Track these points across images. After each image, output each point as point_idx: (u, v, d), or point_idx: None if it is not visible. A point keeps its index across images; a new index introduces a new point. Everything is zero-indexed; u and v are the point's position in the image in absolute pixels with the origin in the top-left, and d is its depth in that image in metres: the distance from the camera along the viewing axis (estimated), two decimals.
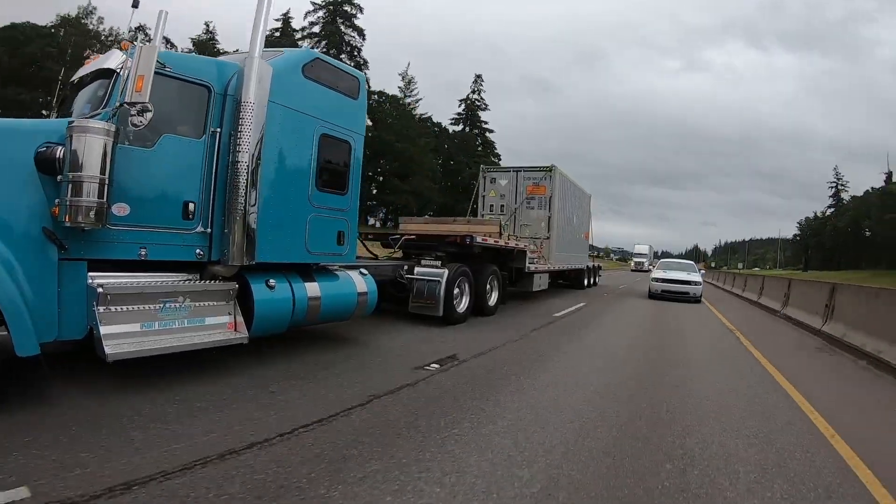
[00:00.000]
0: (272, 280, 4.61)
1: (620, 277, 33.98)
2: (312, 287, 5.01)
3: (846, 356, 7.38)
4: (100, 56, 4.64)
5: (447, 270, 7.52)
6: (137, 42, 3.73)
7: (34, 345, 3.19)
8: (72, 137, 3.38)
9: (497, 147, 68.27)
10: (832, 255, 69.73)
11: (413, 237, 8.54)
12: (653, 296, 15.89)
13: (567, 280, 16.84)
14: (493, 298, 9.13)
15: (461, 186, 52.85)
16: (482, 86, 59.10)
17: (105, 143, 3.45)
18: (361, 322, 6.94)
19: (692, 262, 20.37)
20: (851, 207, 70.56)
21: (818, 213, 78.78)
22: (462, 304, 8.03)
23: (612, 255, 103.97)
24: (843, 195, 74.64)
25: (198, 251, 4.19)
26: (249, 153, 4.20)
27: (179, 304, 3.99)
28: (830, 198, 75.99)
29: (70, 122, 3.45)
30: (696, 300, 15.43)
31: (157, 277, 3.98)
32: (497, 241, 9.33)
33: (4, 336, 3.12)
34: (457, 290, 7.81)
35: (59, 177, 3.38)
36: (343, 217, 5.42)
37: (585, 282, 17.80)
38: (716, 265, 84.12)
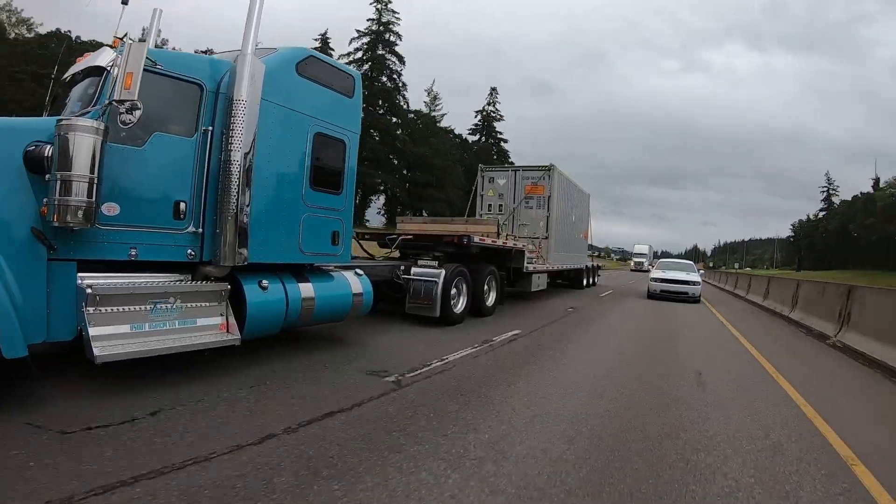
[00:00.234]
0: (265, 281, 4.55)
1: (620, 277, 33.95)
2: (306, 288, 4.95)
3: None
4: (91, 54, 4.59)
5: (444, 271, 7.46)
6: (126, 39, 3.67)
7: (22, 346, 3.14)
8: (60, 136, 3.33)
9: (511, 155, 71.46)
10: (823, 257, 72.61)
11: (410, 237, 8.48)
12: (651, 296, 15.84)
13: (566, 280, 16.79)
14: (491, 299, 9.07)
15: None
16: (497, 98, 62.66)
17: (94, 142, 3.40)
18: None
19: (691, 263, 20.31)
20: (840, 211, 73.82)
21: (810, 216, 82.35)
22: (459, 305, 7.98)
23: (613, 255, 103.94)
24: (834, 199, 78.02)
25: (189, 251, 4.13)
26: (242, 152, 4.15)
27: (170, 306, 3.93)
28: (822, 201, 79.78)
29: (59, 121, 3.40)
30: (696, 300, 15.43)
31: (148, 278, 3.92)
32: (495, 241, 9.28)
33: None
34: (454, 291, 7.75)
35: (48, 176, 3.33)
36: (338, 217, 5.36)
37: (584, 282, 17.77)
38: (714, 265, 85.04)
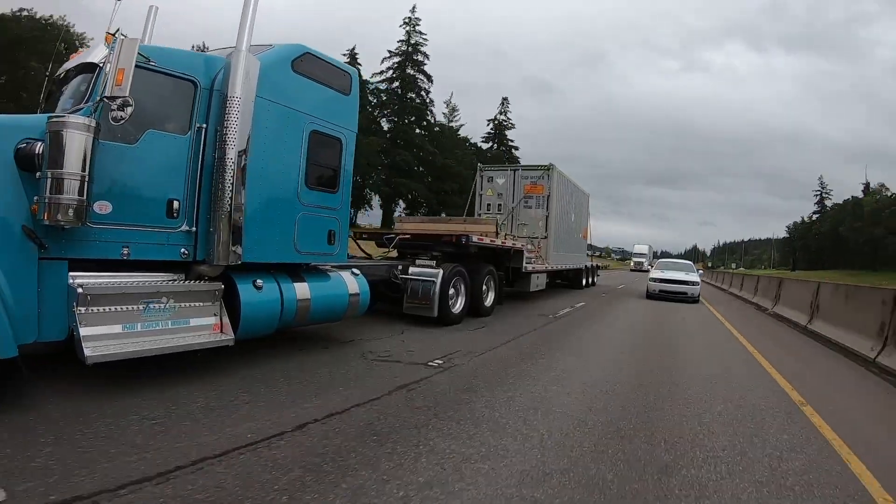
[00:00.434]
0: (260, 280, 4.50)
1: (619, 277, 33.92)
2: (302, 287, 4.89)
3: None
4: (84, 50, 4.55)
5: (442, 270, 7.41)
6: (118, 35, 3.61)
7: (12, 347, 3.10)
8: (51, 133, 3.28)
9: (521, 160, 72.95)
10: (817, 257, 75.98)
11: (408, 236, 8.43)
12: (650, 296, 15.86)
13: (565, 280, 16.75)
14: (490, 299, 9.02)
15: None
16: (508, 107, 64.10)
17: (85, 139, 3.36)
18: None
19: (690, 263, 20.32)
20: (832, 214, 77.55)
21: (804, 218, 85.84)
22: (457, 305, 7.92)
23: (613, 255, 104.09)
24: (827, 202, 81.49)
25: (182, 250, 4.07)
26: (236, 150, 4.09)
27: (163, 305, 3.87)
28: (815, 204, 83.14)
29: (49, 118, 3.36)
30: (694, 300, 15.46)
31: (141, 277, 3.87)
32: (494, 241, 9.22)
33: None
34: (452, 291, 7.70)
35: (39, 174, 3.29)
36: (334, 216, 5.30)
37: (583, 281, 17.74)
38: (712, 265, 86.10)
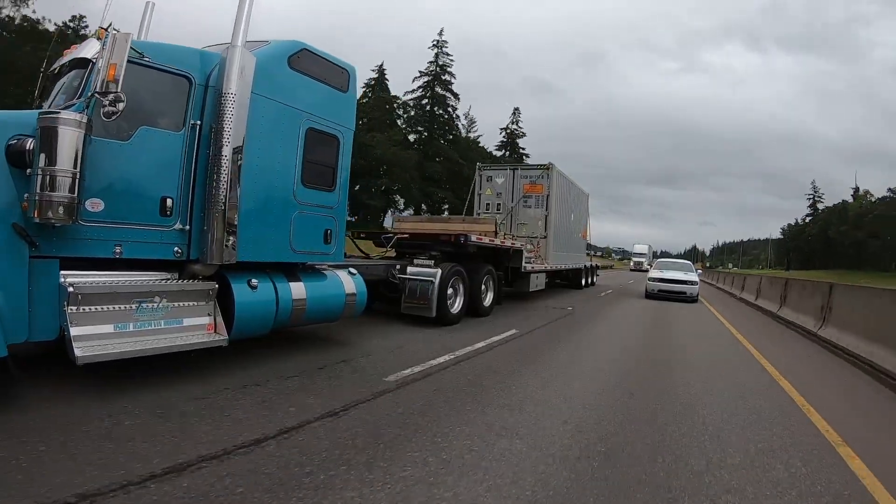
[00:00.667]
0: (254, 280, 4.43)
1: (619, 277, 33.89)
2: (298, 287, 4.82)
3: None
4: (78, 45, 4.48)
5: (440, 270, 7.35)
6: (111, 29, 3.55)
7: (2, 346, 3.06)
8: (42, 129, 3.23)
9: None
10: (809, 258, 79.76)
11: (406, 236, 8.37)
12: (649, 295, 15.96)
13: (564, 280, 16.71)
14: (489, 299, 8.96)
15: None
16: (519, 117, 66.32)
17: (77, 136, 3.30)
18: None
19: (689, 262, 20.42)
20: (822, 217, 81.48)
21: (798, 220, 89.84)
22: (456, 305, 7.86)
23: (614, 255, 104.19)
24: (819, 205, 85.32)
25: (176, 249, 4.01)
26: (231, 147, 4.02)
27: (156, 305, 3.81)
28: (808, 207, 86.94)
29: (40, 114, 3.30)
30: (693, 300, 15.56)
31: (133, 276, 3.81)
32: (493, 241, 9.16)
33: None
34: (450, 291, 7.63)
35: (29, 170, 3.23)
36: (330, 215, 5.22)
37: (583, 281, 17.69)
38: (711, 265, 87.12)
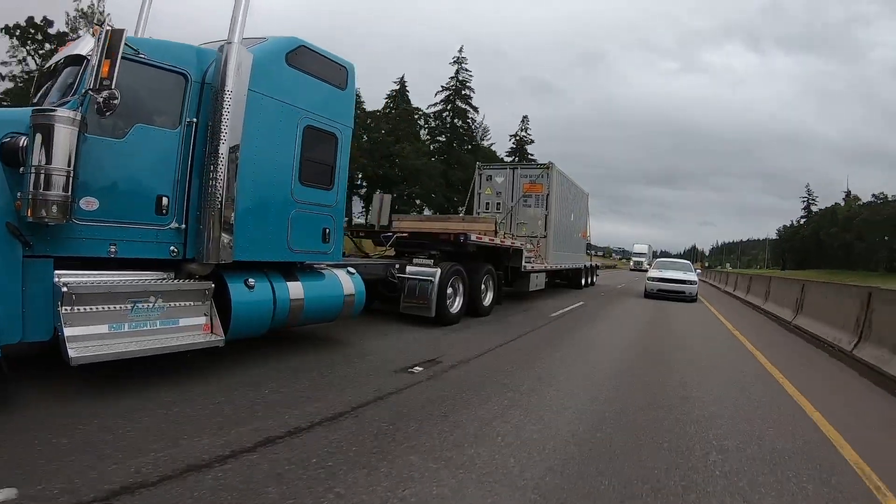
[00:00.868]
0: (251, 279, 4.37)
1: (618, 276, 33.86)
2: (295, 287, 4.76)
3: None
4: (73, 42, 4.43)
5: (440, 269, 7.30)
6: (105, 25, 3.49)
7: None
8: (35, 126, 3.18)
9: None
10: (803, 258, 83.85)
11: (406, 235, 8.33)
12: (648, 295, 16.01)
13: (564, 279, 16.66)
14: (488, 299, 8.91)
15: None
16: (528, 125, 67.96)
17: (70, 133, 3.26)
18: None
19: (688, 262, 20.46)
20: (815, 220, 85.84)
21: (794, 222, 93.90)
22: (455, 305, 7.81)
23: (615, 255, 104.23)
24: (813, 207, 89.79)
25: (172, 248, 3.96)
26: (227, 145, 3.97)
27: (151, 305, 3.76)
28: (802, 209, 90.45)
29: (33, 111, 3.25)
30: (692, 299, 15.55)
31: (128, 276, 3.75)
32: (492, 240, 9.11)
33: None
34: (450, 290, 7.58)
35: (22, 168, 3.18)
36: (328, 213, 5.17)
37: (583, 281, 17.65)
38: (710, 265, 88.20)
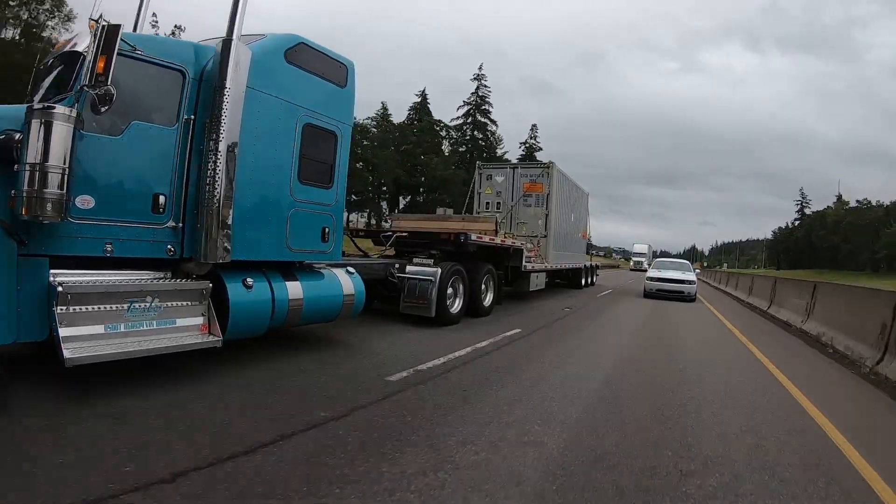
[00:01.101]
0: (250, 279, 4.32)
1: (619, 276, 33.85)
2: (294, 287, 4.71)
3: None
4: (70, 39, 4.38)
5: (440, 269, 7.24)
6: (101, 21, 3.44)
7: None
8: (30, 123, 3.14)
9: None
10: (797, 259, 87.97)
11: (405, 234, 8.28)
12: (648, 294, 16.06)
13: (564, 279, 16.63)
14: (489, 299, 8.86)
15: None
16: (537, 132, 70.30)
17: (66, 130, 3.22)
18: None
19: (687, 262, 20.58)
20: (807, 223, 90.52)
21: (789, 224, 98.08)
22: (456, 305, 7.75)
23: (615, 255, 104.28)
24: (807, 210, 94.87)
25: (168, 247, 3.90)
26: (225, 143, 3.91)
27: (148, 305, 3.71)
28: (797, 212, 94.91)
29: (28, 108, 3.22)
30: (691, 299, 15.59)
31: (125, 276, 3.71)
32: (493, 240, 9.07)
33: None
34: (450, 290, 7.53)
35: (17, 166, 3.14)
36: (328, 212, 5.12)
37: (583, 281, 17.61)
38: (709, 265, 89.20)
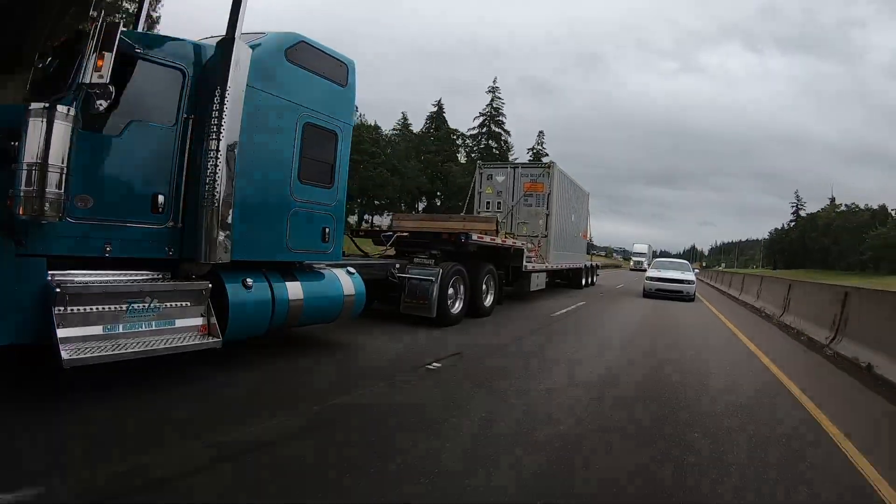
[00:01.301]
0: (249, 279, 4.29)
1: (619, 276, 33.81)
2: (294, 287, 4.68)
3: None
4: (69, 37, 4.34)
5: (441, 269, 7.21)
6: (100, 20, 3.41)
7: None
8: (27, 122, 3.09)
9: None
10: (792, 259, 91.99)
11: (406, 234, 8.25)
12: (647, 294, 16.13)
13: (564, 279, 16.61)
14: (489, 299, 8.83)
15: None
16: (543, 139, 70.84)
17: (63, 129, 3.18)
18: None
19: (686, 262, 20.66)
20: (801, 225, 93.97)
21: (785, 225, 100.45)
22: (456, 305, 7.72)
23: (616, 255, 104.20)
24: (802, 212, 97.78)
25: (168, 248, 3.87)
26: (225, 142, 3.87)
27: (147, 305, 3.67)
28: (792, 214, 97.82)
29: (25, 106, 3.17)
30: (690, 298, 15.61)
31: (123, 276, 3.68)
32: (494, 240, 9.04)
33: None
34: (451, 290, 7.50)
35: (14, 165, 3.10)
36: (328, 212, 5.08)
37: (583, 281, 17.59)
38: (708, 265, 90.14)
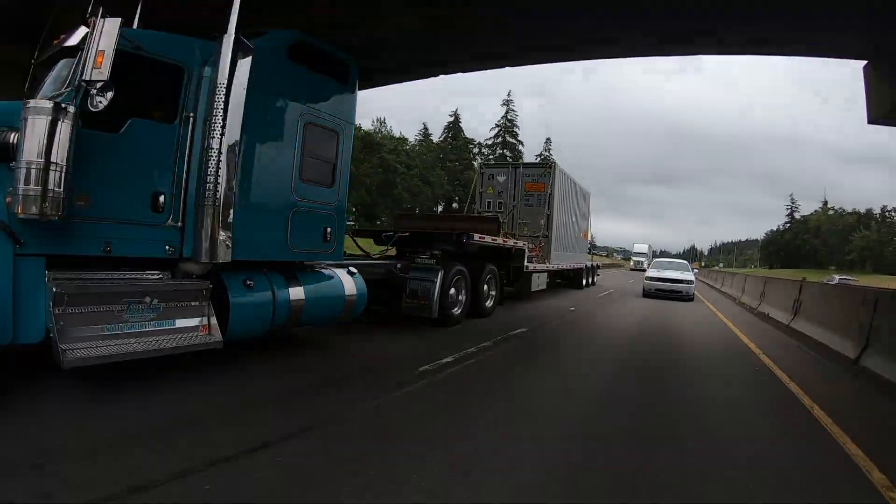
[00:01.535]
0: (250, 279, 4.26)
1: (620, 277, 33.77)
2: (295, 287, 4.65)
3: None
4: (68, 33, 4.31)
5: (442, 270, 7.16)
6: (99, 16, 3.37)
7: None
8: (26, 120, 3.07)
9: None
10: (787, 259, 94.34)
11: (407, 234, 8.20)
12: (647, 294, 16.20)
13: (565, 279, 16.58)
14: (491, 299, 8.79)
15: None
16: (550, 145, 73.35)
17: (63, 127, 3.15)
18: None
19: (685, 262, 20.71)
20: (794, 227, 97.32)
21: (780, 226, 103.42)
22: (458, 306, 7.68)
23: (616, 255, 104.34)
24: (796, 214, 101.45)
25: (168, 247, 3.84)
26: (226, 141, 3.83)
27: (147, 305, 3.64)
28: (786, 216, 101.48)
29: (25, 104, 3.14)
30: (689, 298, 15.64)
31: (123, 276, 3.65)
32: (495, 240, 8.99)
33: None
34: (452, 291, 7.46)
35: (13, 163, 3.07)
36: (330, 212, 5.05)
37: (584, 281, 17.55)
38: (707, 265, 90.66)
